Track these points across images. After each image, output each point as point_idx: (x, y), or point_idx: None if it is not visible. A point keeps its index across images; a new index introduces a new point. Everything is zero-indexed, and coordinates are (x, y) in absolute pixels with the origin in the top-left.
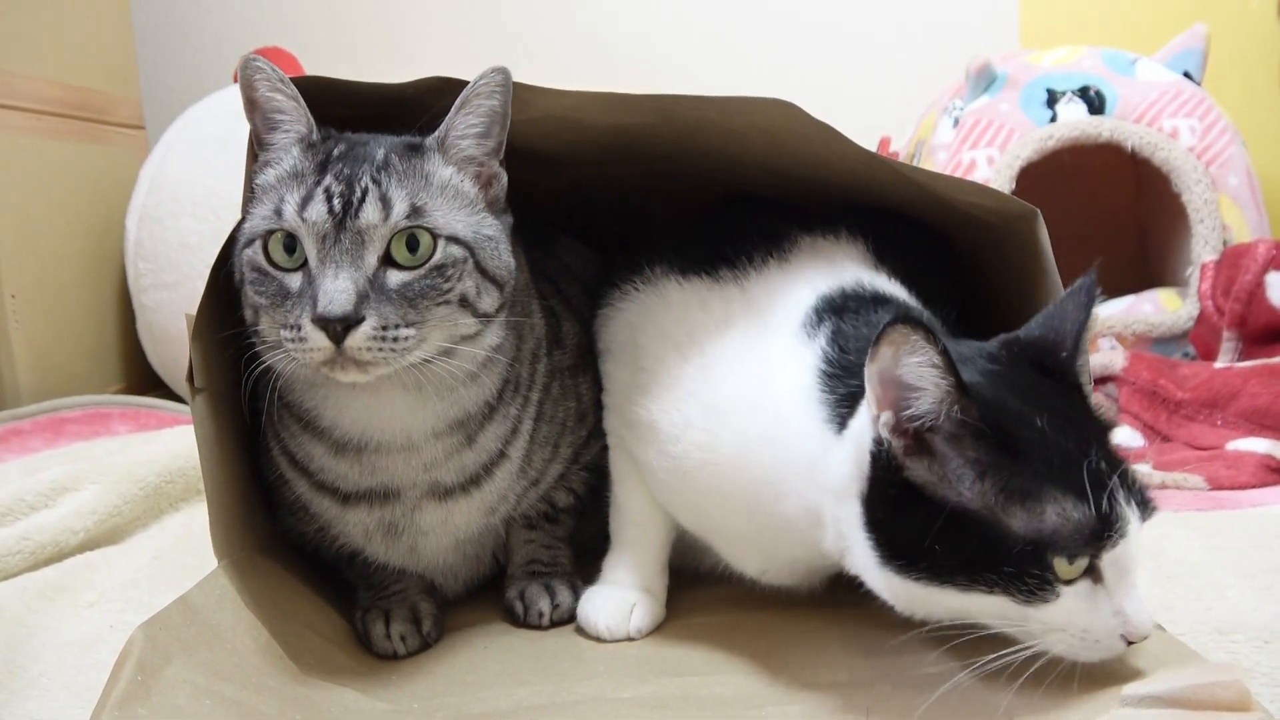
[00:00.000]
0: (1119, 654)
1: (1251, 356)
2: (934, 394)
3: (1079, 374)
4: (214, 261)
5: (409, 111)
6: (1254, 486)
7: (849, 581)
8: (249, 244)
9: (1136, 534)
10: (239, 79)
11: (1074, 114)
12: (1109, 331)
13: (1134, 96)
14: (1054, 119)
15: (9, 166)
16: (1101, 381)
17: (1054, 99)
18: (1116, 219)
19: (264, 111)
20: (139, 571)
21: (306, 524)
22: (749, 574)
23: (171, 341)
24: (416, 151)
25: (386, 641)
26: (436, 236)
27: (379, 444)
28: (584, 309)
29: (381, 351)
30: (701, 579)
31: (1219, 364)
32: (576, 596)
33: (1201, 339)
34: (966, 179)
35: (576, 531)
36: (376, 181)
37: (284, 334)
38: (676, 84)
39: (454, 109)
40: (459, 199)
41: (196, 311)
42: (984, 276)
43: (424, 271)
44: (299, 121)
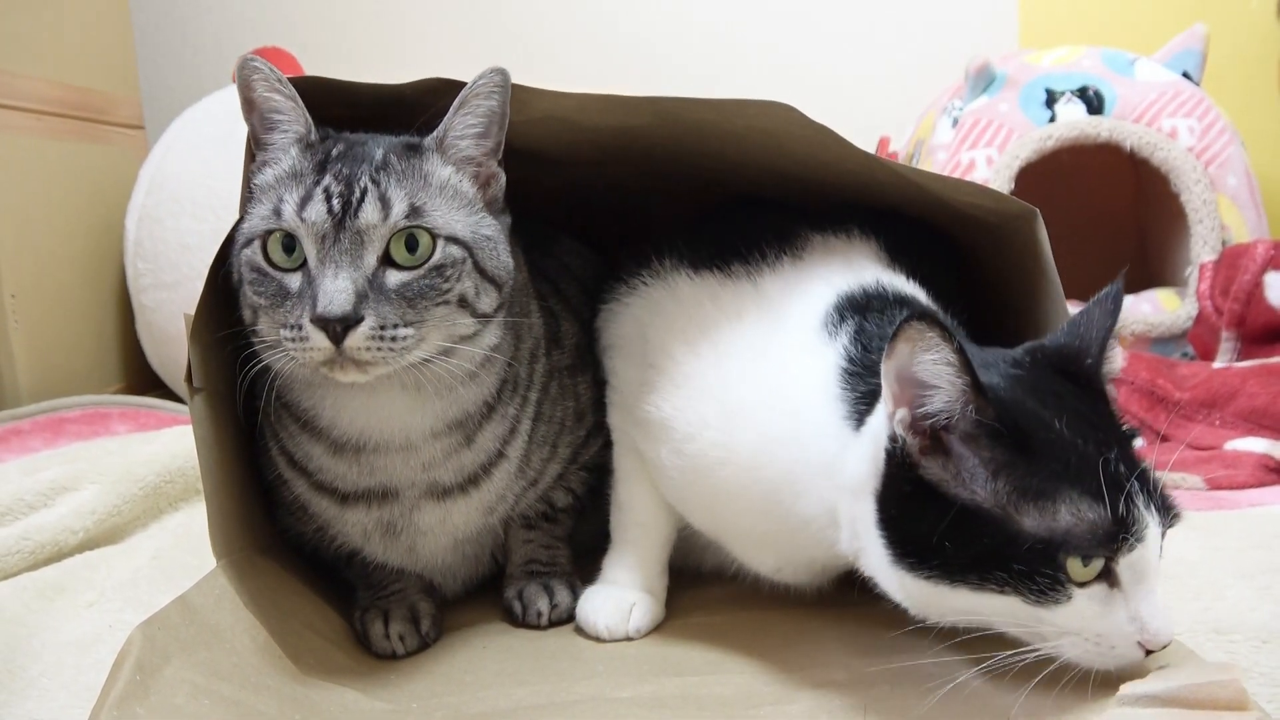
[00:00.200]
0: (1136, 662)
1: (1250, 356)
2: (949, 392)
3: (1103, 380)
4: (213, 261)
5: (408, 112)
6: (1252, 486)
7: (858, 582)
8: (248, 244)
9: (1156, 539)
10: (237, 79)
11: (1073, 114)
12: None
13: (1133, 97)
14: (1053, 119)
15: (9, 166)
16: None
17: (1053, 99)
18: (1115, 219)
19: (262, 112)
20: (138, 571)
21: (305, 524)
22: (763, 572)
23: (171, 341)
24: (415, 151)
25: (385, 641)
26: (435, 236)
27: (377, 444)
28: (583, 309)
29: (381, 351)
30: (701, 578)
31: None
32: (575, 596)
33: (1200, 339)
34: (965, 179)
35: (575, 531)
36: (375, 181)
37: (283, 334)
38: (676, 85)
39: (452, 109)
40: (458, 199)
41: (195, 311)
42: (984, 277)
43: (423, 271)
44: (297, 122)
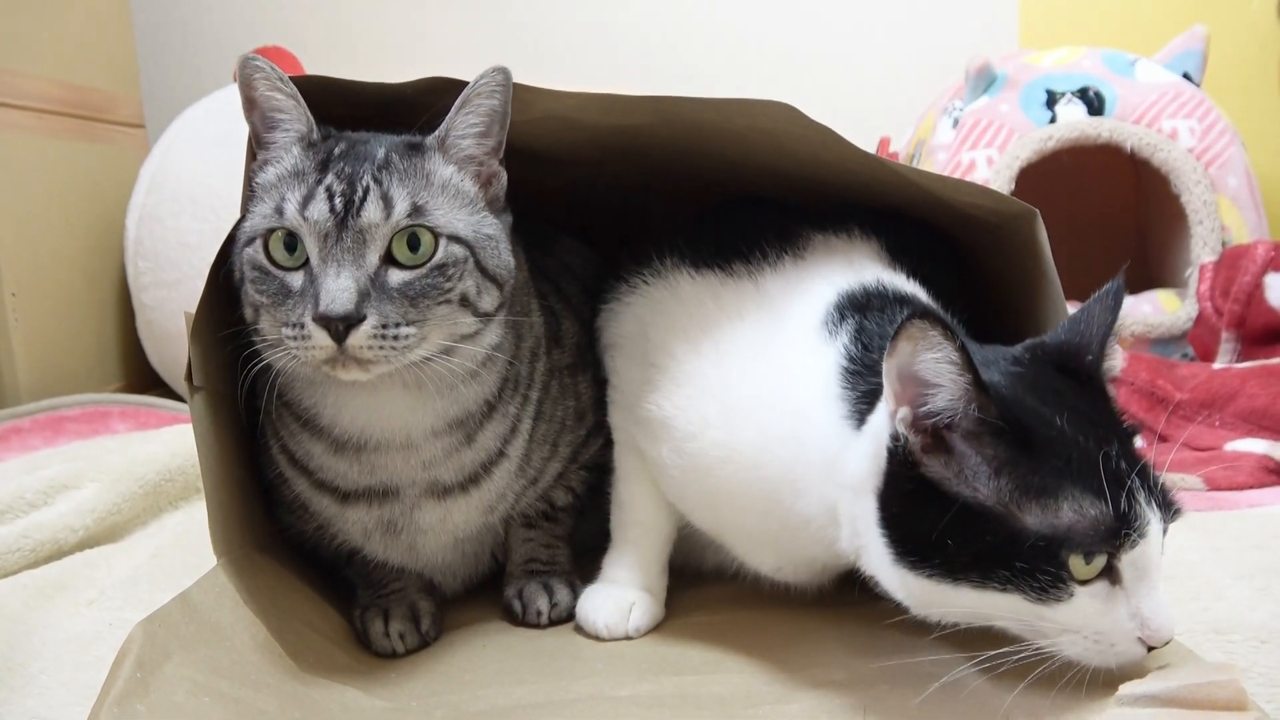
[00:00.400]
0: (1137, 660)
1: (1250, 357)
2: (951, 391)
3: (1104, 377)
4: (213, 260)
5: (409, 111)
6: (1252, 487)
7: (858, 581)
8: (249, 242)
9: (1158, 536)
10: (238, 78)
11: (1073, 115)
12: None
13: (1133, 97)
14: (1053, 120)
15: (9, 165)
16: None
17: (1053, 100)
18: (1115, 220)
19: (263, 110)
20: (138, 569)
21: (305, 522)
22: (763, 571)
23: (171, 340)
24: (417, 150)
25: (385, 640)
26: (438, 235)
27: (378, 442)
28: (583, 308)
29: (383, 350)
30: (701, 577)
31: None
32: (575, 595)
33: (1200, 340)
34: (965, 180)
35: (575, 530)
36: (378, 180)
37: (285, 332)
38: (677, 85)
39: (454, 108)
40: (459, 198)
41: (195, 310)
42: (984, 277)
43: (425, 270)
44: (299, 120)
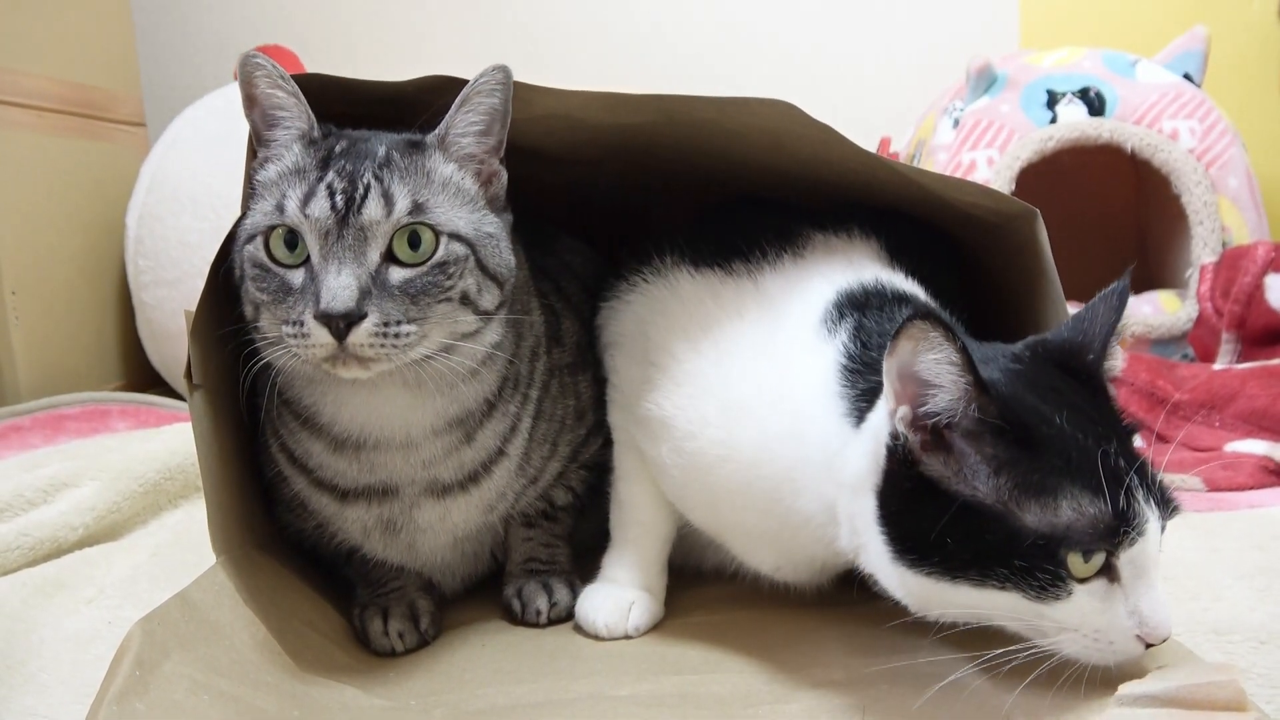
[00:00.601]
0: (1135, 657)
1: (1250, 358)
2: (952, 391)
3: (1105, 376)
4: (214, 258)
5: (409, 109)
6: (1252, 488)
7: (857, 581)
8: (250, 240)
9: (1156, 533)
10: (239, 76)
11: (1074, 115)
12: None
13: (1134, 98)
14: (1054, 120)
15: (10, 163)
16: None
17: (1054, 100)
18: (1116, 220)
19: (264, 108)
20: (138, 568)
21: (305, 521)
22: (762, 571)
23: (171, 339)
24: (418, 148)
25: (384, 638)
26: (438, 233)
27: (378, 441)
28: (584, 307)
29: (384, 348)
30: (700, 577)
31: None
32: (574, 595)
33: (1200, 340)
34: (966, 179)
35: (575, 529)
36: (379, 178)
37: (285, 330)
38: (678, 84)
39: (454, 107)
40: (460, 196)
41: (196, 308)
42: (984, 277)
43: (426, 269)
44: (299, 118)
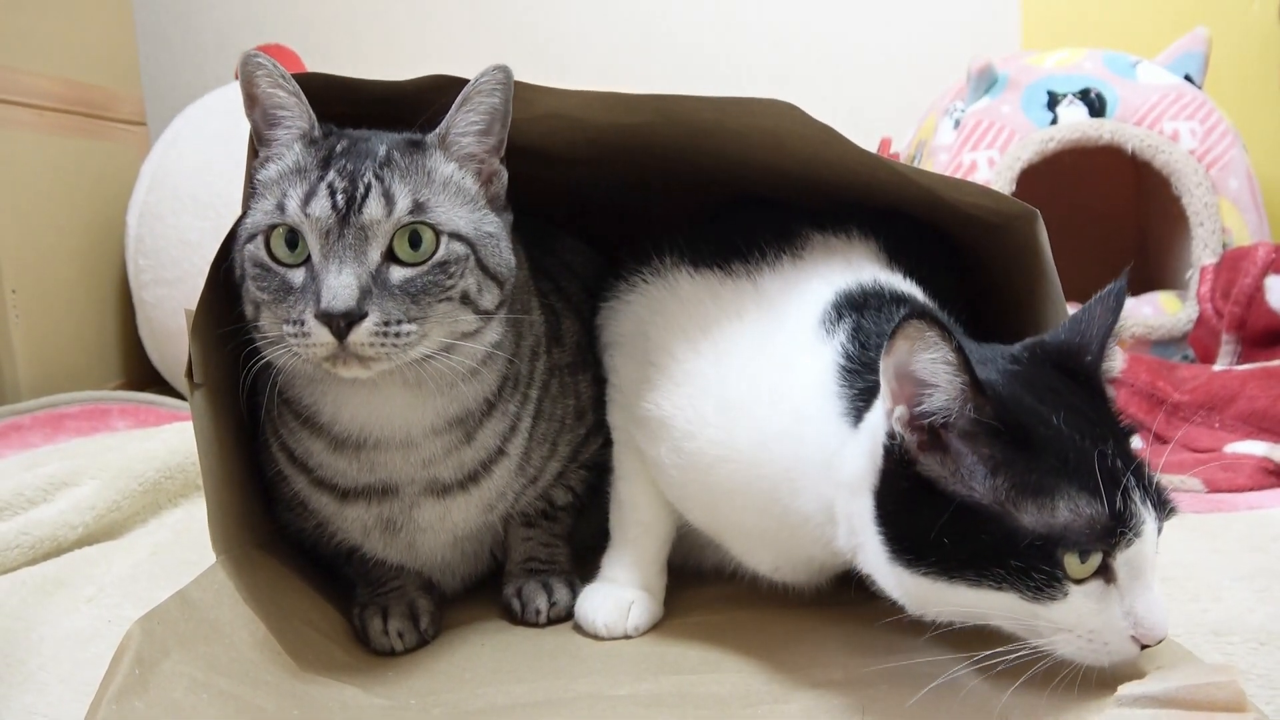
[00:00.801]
0: (1131, 658)
1: (1250, 359)
2: (948, 391)
3: (1103, 377)
4: (214, 257)
5: (410, 109)
6: (1251, 489)
7: (855, 581)
8: (251, 239)
9: (1153, 534)
10: (240, 75)
11: (1075, 116)
12: None
13: (1135, 99)
14: (1055, 121)
15: (10, 162)
16: None
17: (1055, 101)
18: (1116, 221)
19: (265, 107)
20: (137, 567)
21: (305, 520)
22: (761, 571)
23: (171, 338)
24: (418, 148)
25: (384, 638)
26: (439, 233)
27: (378, 440)
28: (584, 307)
29: (384, 347)
30: (699, 577)
31: (1218, 367)
32: (574, 594)
33: (1200, 341)
34: (967, 180)
35: (575, 529)
36: (379, 177)
37: (286, 329)
38: (679, 84)
39: (455, 106)
40: (460, 195)
41: (196, 307)
42: (984, 277)
43: (426, 268)
44: (300, 117)
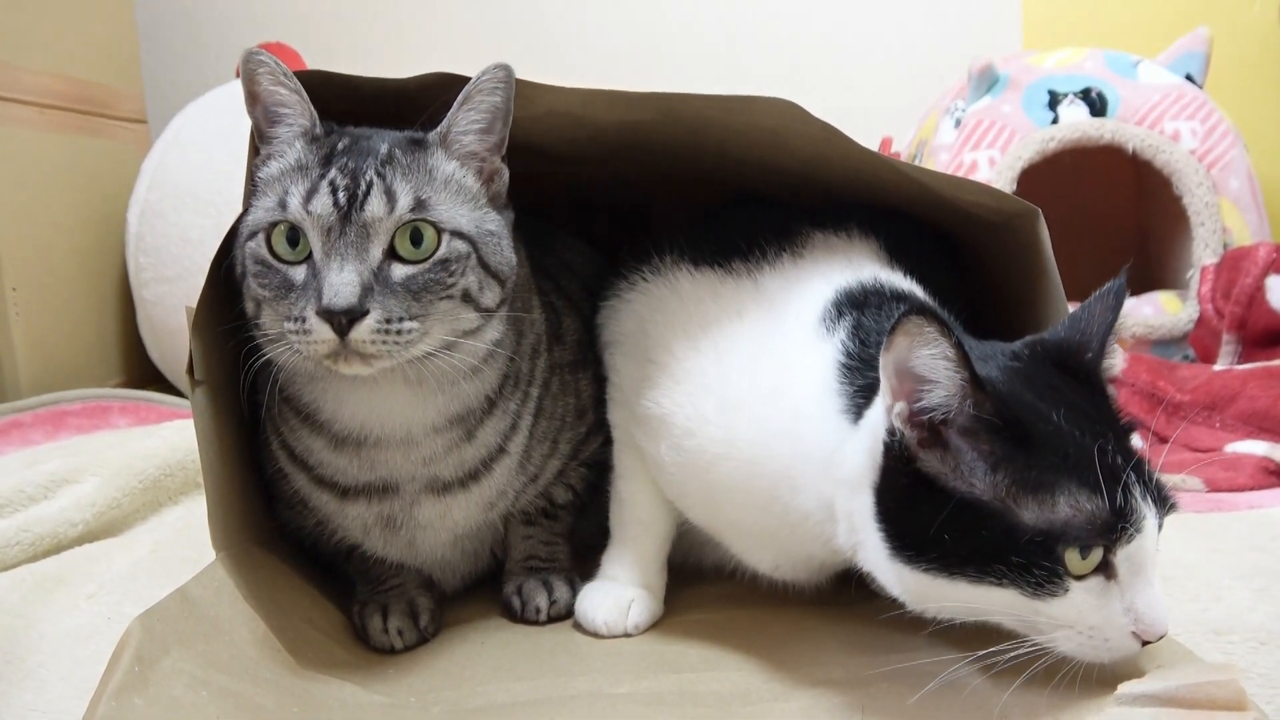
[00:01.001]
0: (1132, 655)
1: (1251, 359)
2: (947, 387)
3: (1103, 375)
4: (215, 255)
5: (411, 107)
6: (1252, 489)
7: (855, 580)
8: (252, 236)
9: (1153, 530)
10: (241, 72)
11: (1076, 116)
12: None
13: (1136, 99)
14: (1055, 121)
15: (11, 159)
16: None
17: (1056, 101)
18: (1117, 221)
19: (266, 105)
20: (137, 564)
21: (305, 518)
22: (761, 569)
23: (172, 335)
24: (419, 146)
25: (384, 635)
26: (440, 230)
27: (378, 438)
28: (584, 305)
29: (385, 344)
30: (699, 575)
31: (1218, 366)
32: (574, 592)
33: (1201, 341)
34: (968, 179)
35: (575, 527)
36: (381, 175)
37: (287, 326)
38: (680, 82)
39: (456, 104)
40: (462, 194)
41: (197, 304)
42: (984, 275)
43: (428, 265)
44: (302, 115)
